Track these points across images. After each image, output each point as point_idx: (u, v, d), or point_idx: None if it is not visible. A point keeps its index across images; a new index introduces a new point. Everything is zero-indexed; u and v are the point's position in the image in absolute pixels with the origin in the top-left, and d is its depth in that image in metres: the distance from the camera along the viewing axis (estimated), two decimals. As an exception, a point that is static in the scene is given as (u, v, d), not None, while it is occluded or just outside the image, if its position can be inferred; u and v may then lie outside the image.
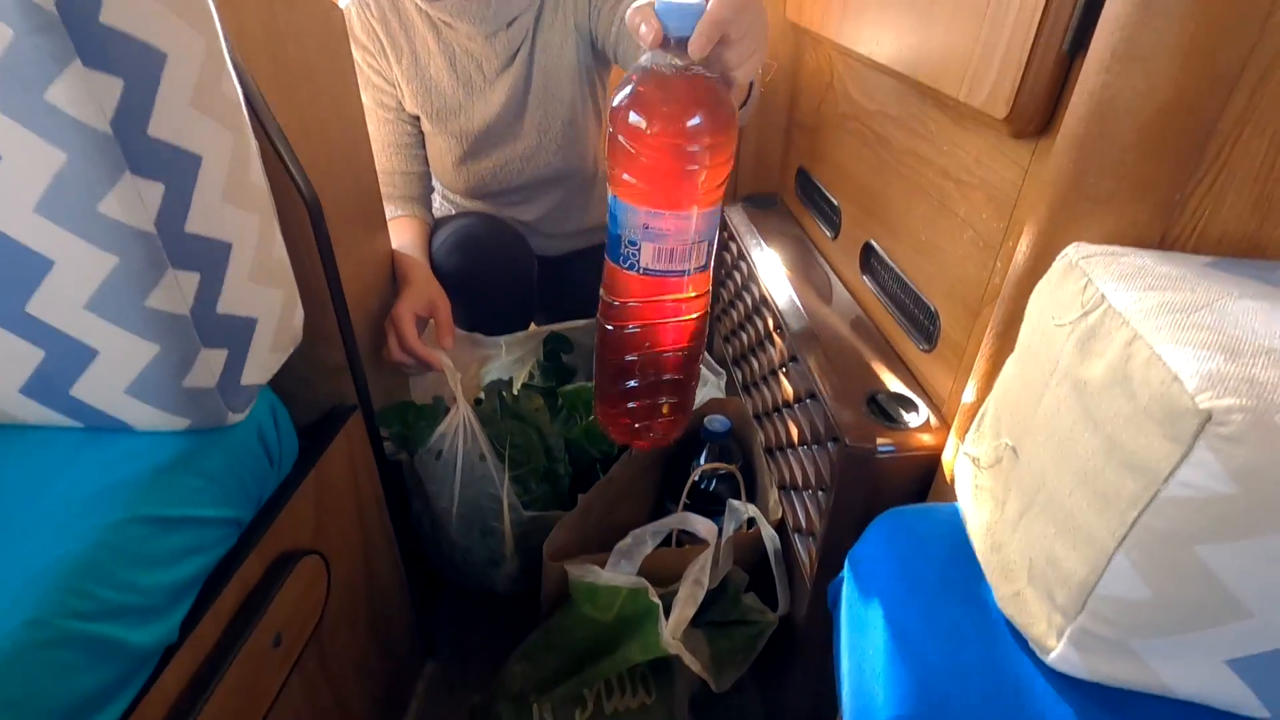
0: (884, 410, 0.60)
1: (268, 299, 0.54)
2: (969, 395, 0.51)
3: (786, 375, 0.74)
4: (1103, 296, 0.34)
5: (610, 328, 0.61)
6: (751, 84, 0.61)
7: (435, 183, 1.16)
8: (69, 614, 0.40)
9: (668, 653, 0.69)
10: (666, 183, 0.52)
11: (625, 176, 0.53)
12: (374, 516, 0.77)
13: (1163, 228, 0.38)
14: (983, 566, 0.40)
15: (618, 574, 0.71)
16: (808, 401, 0.68)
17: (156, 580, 0.45)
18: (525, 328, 1.03)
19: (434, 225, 1.06)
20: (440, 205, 1.19)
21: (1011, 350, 0.43)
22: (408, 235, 0.98)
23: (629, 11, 0.50)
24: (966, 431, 0.49)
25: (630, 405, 0.64)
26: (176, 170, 0.44)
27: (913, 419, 0.59)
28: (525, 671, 0.79)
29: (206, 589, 0.51)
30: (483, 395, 0.90)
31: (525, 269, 1.07)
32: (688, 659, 0.70)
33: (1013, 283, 0.45)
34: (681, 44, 0.47)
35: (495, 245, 1.02)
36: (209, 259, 0.48)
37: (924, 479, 0.58)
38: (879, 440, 0.57)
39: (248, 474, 0.55)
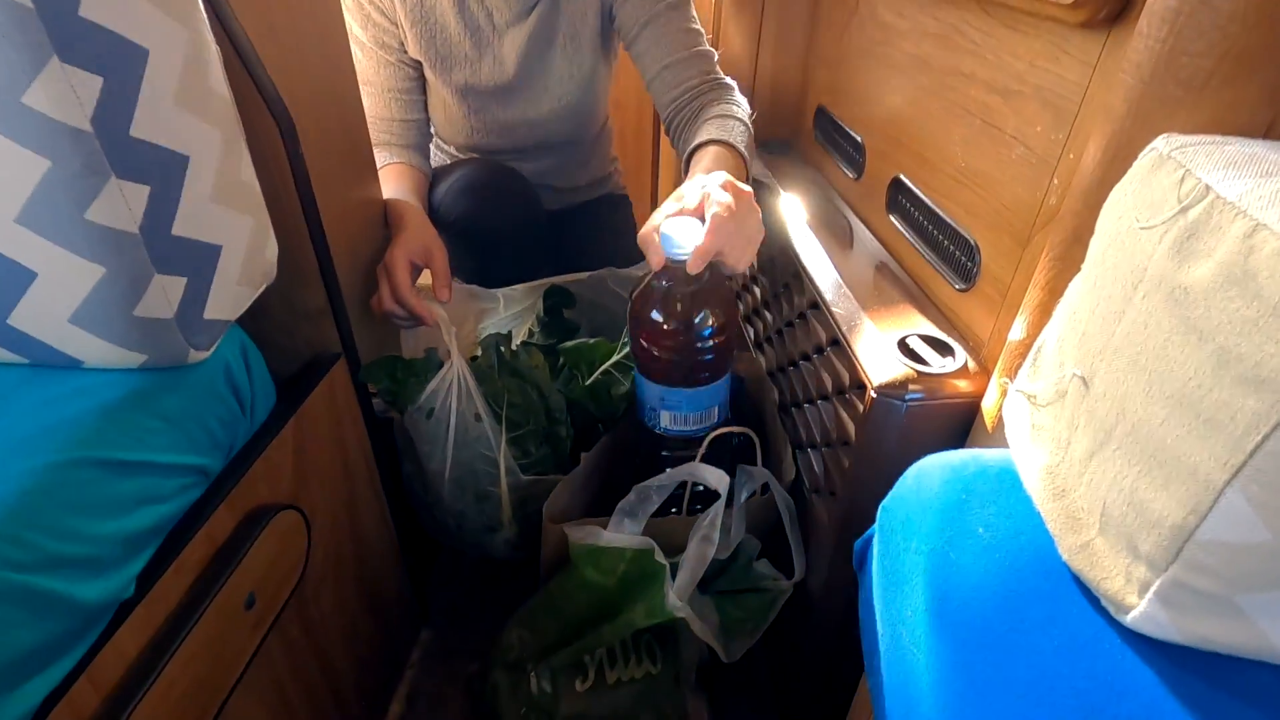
0: (915, 354, 0.55)
1: (234, 225, 0.49)
2: (1018, 332, 0.45)
3: (805, 324, 0.69)
4: (1207, 188, 0.28)
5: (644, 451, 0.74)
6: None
7: (431, 130, 1.09)
8: (2, 564, 0.36)
9: (674, 617, 0.64)
10: (680, 369, 0.64)
11: (645, 363, 0.65)
12: (361, 473, 0.72)
13: (1271, 115, 0.32)
14: (1042, 516, 0.35)
15: (622, 534, 0.66)
16: (829, 350, 0.62)
17: (105, 529, 0.41)
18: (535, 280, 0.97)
19: (434, 174, 0.99)
20: (436, 157, 1.12)
21: (1074, 273, 0.38)
22: (403, 182, 0.91)
23: (640, 233, 0.60)
24: (1015, 371, 0.43)
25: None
26: (117, 62, 0.39)
27: (948, 363, 0.53)
28: (523, 638, 0.75)
29: (170, 543, 0.47)
30: (479, 351, 0.84)
31: (535, 217, 1.01)
32: (695, 625, 0.65)
33: (1078, 195, 0.39)
34: (684, 262, 0.57)
35: (505, 191, 0.96)
36: (161, 171, 0.42)
37: (960, 429, 0.52)
38: (910, 387, 0.52)
39: (214, 419, 0.50)
